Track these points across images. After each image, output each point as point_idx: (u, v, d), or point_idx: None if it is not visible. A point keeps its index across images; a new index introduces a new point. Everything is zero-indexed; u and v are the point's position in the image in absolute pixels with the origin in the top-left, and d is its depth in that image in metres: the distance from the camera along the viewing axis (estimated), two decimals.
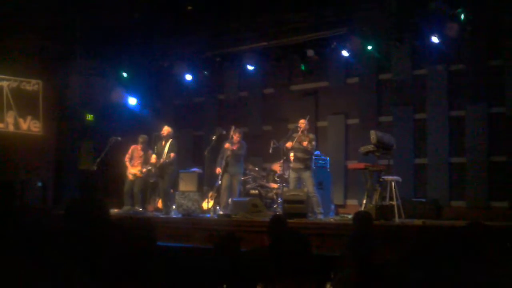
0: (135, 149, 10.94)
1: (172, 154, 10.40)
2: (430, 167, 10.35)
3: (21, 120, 11.59)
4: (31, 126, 11.67)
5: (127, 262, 3.49)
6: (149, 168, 10.64)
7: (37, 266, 2.51)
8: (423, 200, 9.79)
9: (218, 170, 10.15)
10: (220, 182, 10.11)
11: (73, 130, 12.21)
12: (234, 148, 10.05)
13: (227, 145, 10.08)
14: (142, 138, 10.97)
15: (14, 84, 11.60)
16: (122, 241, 3.69)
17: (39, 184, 10.76)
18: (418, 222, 8.18)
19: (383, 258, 4.36)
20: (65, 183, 11.63)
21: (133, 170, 10.78)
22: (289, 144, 9.39)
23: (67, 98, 12.11)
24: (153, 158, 10.45)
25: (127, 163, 10.85)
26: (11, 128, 11.47)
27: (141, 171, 10.73)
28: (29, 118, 11.66)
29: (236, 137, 10.18)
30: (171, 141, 10.51)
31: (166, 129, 10.58)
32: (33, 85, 11.78)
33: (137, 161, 10.85)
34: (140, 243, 3.64)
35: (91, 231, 3.85)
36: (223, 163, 10.05)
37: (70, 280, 2.50)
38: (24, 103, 11.64)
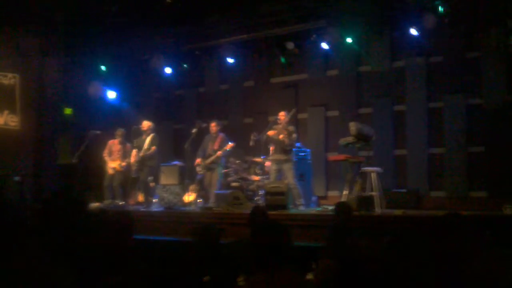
0: (113, 144, 10.90)
1: (153, 148, 10.38)
2: (410, 158, 10.45)
3: None
4: (8, 120, 11.49)
5: (105, 254, 3.47)
6: (128, 161, 10.61)
7: (16, 260, 2.49)
8: (403, 190, 9.88)
9: (198, 160, 10.15)
10: (202, 177, 10.14)
11: (52, 124, 12.06)
12: (219, 146, 10.06)
13: (230, 145, 10.06)
14: (119, 131, 10.93)
15: None
16: (100, 234, 3.67)
17: (17, 178, 10.63)
18: (398, 212, 8.26)
19: (364, 248, 4.40)
20: (44, 177, 11.50)
21: (112, 164, 10.74)
22: (270, 132, 9.42)
23: (45, 92, 11.95)
24: (134, 153, 10.41)
25: (106, 158, 10.81)
26: None
27: (120, 165, 10.71)
28: (6, 112, 11.47)
29: (214, 130, 10.22)
30: (153, 135, 10.49)
31: (146, 124, 10.54)
32: (9, 78, 11.59)
33: (116, 155, 10.81)
34: (118, 236, 3.63)
35: (70, 225, 3.83)
36: (205, 157, 10.09)
37: (49, 274, 2.48)
38: (1, 97, 11.46)
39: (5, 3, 10.74)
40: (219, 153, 10.03)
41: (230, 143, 10.13)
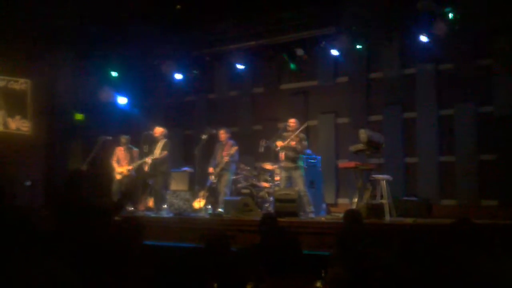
0: (119, 151, 10.95)
1: (164, 152, 10.41)
2: (420, 166, 10.39)
3: (9, 120, 11.50)
4: (20, 125, 11.58)
5: (115, 260, 3.47)
6: (136, 165, 10.65)
7: (26, 265, 2.50)
8: (414, 198, 9.83)
9: (211, 169, 10.18)
10: (212, 184, 10.17)
11: (63, 130, 12.13)
12: (226, 159, 10.07)
13: (234, 148, 10.08)
14: (123, 139, 10.99)
15: (2, 83, 11.51)
16: (110, 240, 3.68)
17: (28, 183, 10.69)
18: (409, 220, 8.21)
19: (373, 256, 4.37)
20: (55, 182, 11.55)
21: (120, 169, 10.80)
22: (279, 143, 9.40)
23: (56, 97, 12.03)
24: (147, 159, 10.48)
25: (115, 164, 10.87)
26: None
27: (128, 170, 10.75)
28: (17, 117, 11.57)
29: (224, 138, 10.25)
30: (165, 141, 10.54)
31: (158, 130, 10.60)
32: (21, 84, 11.69)
33: (124, 162, 10.87)
34: (128, 241, 3.64)
35: (81, 231, 3.84)
36: (216, 165, 10.10)
37: (58, 278, 2.49)
38: (13, 102, 11.55)
39: (17, 10, 10.83)
40: (225, 159, 10.04)
41: (234, 147, 10.14)
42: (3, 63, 11.32)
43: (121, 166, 10.84)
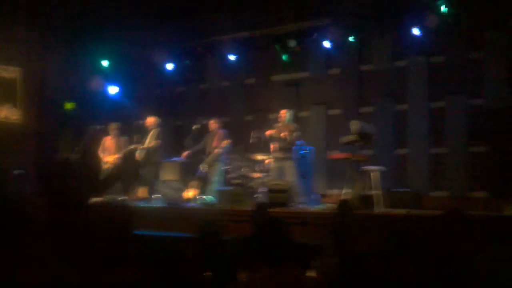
0: (106, 140, 10.91)
1: (158, 141, 10.39)
2: (411, 158, 10.45)
3: None
4: (9, 114, 11.50)
5: (106, 249, 3.47)
6: (123, 153, 10.63)
7: (17, 254, 2.49)
8: (404, 190, 9.88)
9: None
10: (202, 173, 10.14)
11: (53, 118, 12.07)
12: (218, 142, 10.05)
13: (226, 142, 10.06)
14: (112, 126, 10.93)
15: None
16: (100, 229, 3.67)
17: (16, 172, 10.63)
18: (402, 211, 8.25)
19: (363, 247, 4.40)
20: (45, 171, 11.50)
21: (107, 158, 10.75)
22: (268, 132, 9.41)
23: (46, 86, 11.95)
24: (140, 147, 10.46)
25: (101, 155, 10.82)
26: None
27: (115, 159, 10.70)
28: (7, 106, 11.48)
29: (214, 128, 10.22)
30: (155, 129, 10.50)
31: (149, 119, 10.56)
32: (11, 72, 11.58)
33: (111, 150, 10.81)
34: (118, 231, 3.63)
35: (72, 219, 3.83)
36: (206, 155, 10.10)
37: (50, 268, 2.48)
38: (2, 91, 11.45)
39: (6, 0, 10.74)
40: (216, 150, 10.02)
41: (226, 139, 10.12)
42: None
43: (108, 155, 10.79)
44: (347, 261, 4.15)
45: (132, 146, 10.58)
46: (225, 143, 10.05)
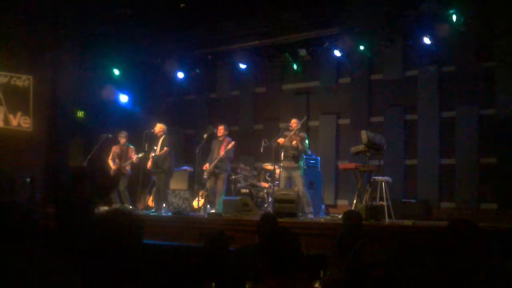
0: (116, 148, 10.93)
1: (165, 148, 10.34)
2: (421, 168, 10.39)
3: (11, 116, 11.49)
4: (21, 122, 11.57)
5: (113, 259, 3.47)
6: (130, 162, 10.63)
7: (24, 262, 2.50)
8: (413, 201, 9.82)
9: (206, 166, 10.11)
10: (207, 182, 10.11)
11: (64, 127, 12.12)
12: (223, 153, 9.99)
13: (231, 144, 10.03)
14: (122, 134, 10.94)
15: (5, 80, 11.50)
16: (108, 238, 3.68)
17: (28, 180, 10.68)
18: (408, 222, 8.20)
19: (372, 258, 4.37)
20: (55, 180, 11.55)
21: (113, 164, 10.78)
22: (281, 140, 9.38)
23: (58, 95, 12.02)
24: (151, 156, 10.44)
25: (110, 163, 10.84)
26: (0, 124, 11.38)
27: (123, 167, 10.72)
28: (19, 114, 11.56)
29: (221, 134, 10.15)
30: (165, 136, 10.48)
31: (159, 127, 10.54)
32: (23, 80, 11.68)
33: (119, 159, 10.83)
34: (126, 240, 3.63)
35: (79, 228, 3.84)
36: (212, 164, 10.02)
37: (57, 277, 2.49)
38: (15, 99, 11.54)
39: (20, 7, 10.84)
40: (221, 153, 9.95)
41: (231, 142, 10.06)
42: (6, 59, 11.31)
43: (116, 164, 10.82)
44: (355, 273, 4.12)
45: (140, 155, 10.59)
46: (231, 145, 9.98)
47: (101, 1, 10.95)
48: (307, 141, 9.46)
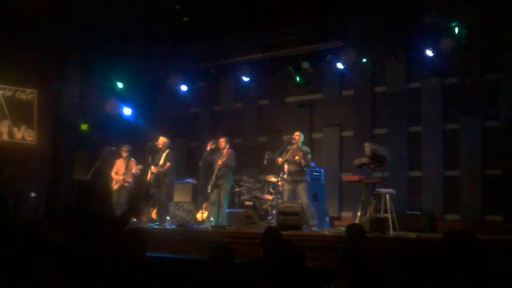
0: (118, 162, 10.94)
1: (168, 164, 10.38)
2: (425, 180, 10.37)
3: (15, 129, 11.54)
4: (25, 135, 11.62)
5: (118, 271, 3.47)
6: (131, 175, 10.62)
7: (29, 274, 2.50)
8: (418, 213, 9.78)
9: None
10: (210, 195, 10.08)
11: (68, 140, 12.16)
12: (223, 159, 9.97)
13: (219, 161, 10.00)
14: (125, 147, 10.94)
15: (9, 93, 11.56)
16: (112, 251, 3.68)
17: (33, 194, 10.69)
18: (412, 235, 8.17)
19: (375, 270, 4.35)
20: (59, 193, 11.55)
21: (116, 177, 10.78)
22: (280, 160, 9.37)
23: (62, 108, 12.08)
24: (153, 169, 10.44)
25: (113, 176, 10.85)
26: (5, 137, 11.42)
27: (124, 180, 10.72)
28: (23, 127, 11.61)
29: (223, 145, 10.14)
30: (168, 151, 10.51)
31: (162, 140, 10.57)
32: (28, 94, 11.74)
33: (121, 172, 10.84)
34: (131, 253, 3.63)
35: (87, 243, 3.84)
36: (213, 178, 9.99)
37: None
38: (19, 112, 11.59)
39: (25, 21, 10.92)
40: (219, 162, 9.92)
41: (233, 159, 10.02)
42: (11, 73, 11.38)
43: (118, 176, 10.83)
44: (359, 285, 4.11)
45: (139, 166, 10.61)
46: (228, 153, 9.94)
47: (104, 15, 11.01)
48: (309, 156, 9.46)
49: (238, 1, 10.47)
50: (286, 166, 9.61)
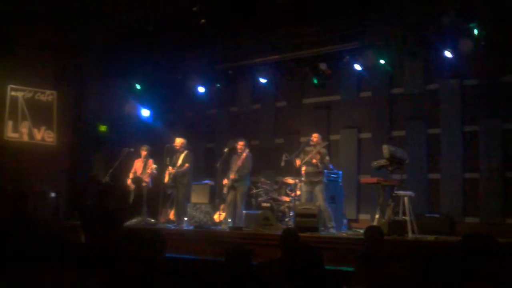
0: (137, 162, 10.99)
1: (186, 165, 10.40)
2: (444, 182, 10.27)
3: (35, 130, 11.69)
4: (45, 136, 11.76)
5: (137, 272, 3.49)
6: (150, 175, 10.67)
7: (48, 276, 2.52)
8: (437, 215, 9.70)
9: (225, 181, 10.11)
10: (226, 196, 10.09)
11: (87, 141, 12.28)
12: (241, 162, 9.98)
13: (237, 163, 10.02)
14: (144, 147, 10.99)
15: (29, 95, 11.72)
16: (132, 252, 3.69)
17: (53, 194, 10.81)
18: (431, 237, 8.10)
19: (395, 274, 4.32)
20: (77, 194, 11.68)
21: (134, 178, 10.83)
22: (298, 162, 9.36)
23: (81, 109, 12.21)
24: (170, 169, 10.47)
25: (131, 175, 10.91)
26: (25, 138, 11.57)
27: (143, 180, 10.77)
28: (43, 128, 11.76)
29: (241, 148, 10.13)
30: (187, 152, 10.53)
31: (179, 141, 10.59)
32: (47, 95, 11.89)
33: (139, 171, 10.90)
34: (150, 254, 3.64)
35: (105, 242, 3.86)
36: (230, 177, 9.99)
37: None
38: (39, 114, 11.75)
39: (44, 23, 11.05)
40: (238, 163, 9.92)
41: (250, 162, 10.02)
42: (31, 75, 11.54)
43: (135, 176, 10.90)
44: None
45: (155, 166, 10.65)
46: (245, 154, 9.94)
47: (123, 17, 11.09)
48: (327, 157, 9.43)
49: (255, 2, 10.48)
50: (303, 168, 9.60)
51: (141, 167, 10.91)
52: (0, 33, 10.71)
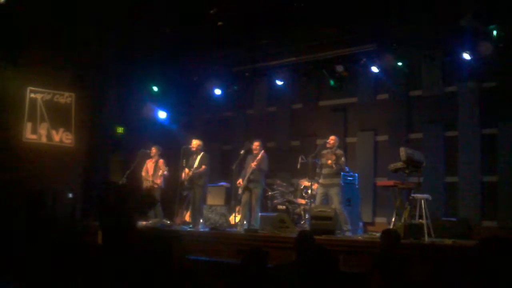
0: (149, 162, 11.08)
1: (203, 167, 10.42)
2: (461, 186, 10.17)
3: (53, 132, 11.81)
4: (63, 138, 11.87)
5: (154, 273, 3.50)
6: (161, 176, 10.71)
7: (64, 277, 2.55)
8: (454, 219, 9.61)
9: (240, 181, 10.11)
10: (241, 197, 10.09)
11: (104, 143, 12.38)
12: (254, 164, 9.96)
13: (252, 164, 10.00)
14: (153, 148, 11.08)
15: (48, 97, 11.84)
16: (148, 253, 3.72)
17: (70, 195, 10.91)
18: (448, 241, 8.02)
19: (410, 277, 4.29)
20: (95, 195, 11.76)
21: (146, 178, 10.91)
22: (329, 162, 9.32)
23: (98, 111, 12.31)
24: (186, 171, 10.51)
25: (143, 175, 11.01)
26: (44, 139, 11.70)
27: (153, 181, 10.84)
28: (61, 130, 11.87)
29: (256, 149, 10.11)
30: (203, 154, 10.56)
31: (195, 143, 10.63)
32: (66, 97, 12.00)
33: (150, 172, 10.97)
34: (165, 256, 3.66)
35: (122, 243, 3.89)
36: (245, 178, 9.99)
37: None
38: (57, 115, 11.86)
39: (63, 26, 11.16)
40: (253, 165, 9.90)
41: (265, 162, 10.00)
42: (50, 77, 11.66)
43: (148, 177, 10.98)
44: None
45: (165, 167, 10.71)
46: (261, 155, 9.92)
47: (140, 20, 11.17)
48: (343, 158, 9.40)
49: (272, 5, 10.48)
50: (319, 170, 9.58)
51: (152, 168, 10.99)
52: (20, 35, 10.83)
